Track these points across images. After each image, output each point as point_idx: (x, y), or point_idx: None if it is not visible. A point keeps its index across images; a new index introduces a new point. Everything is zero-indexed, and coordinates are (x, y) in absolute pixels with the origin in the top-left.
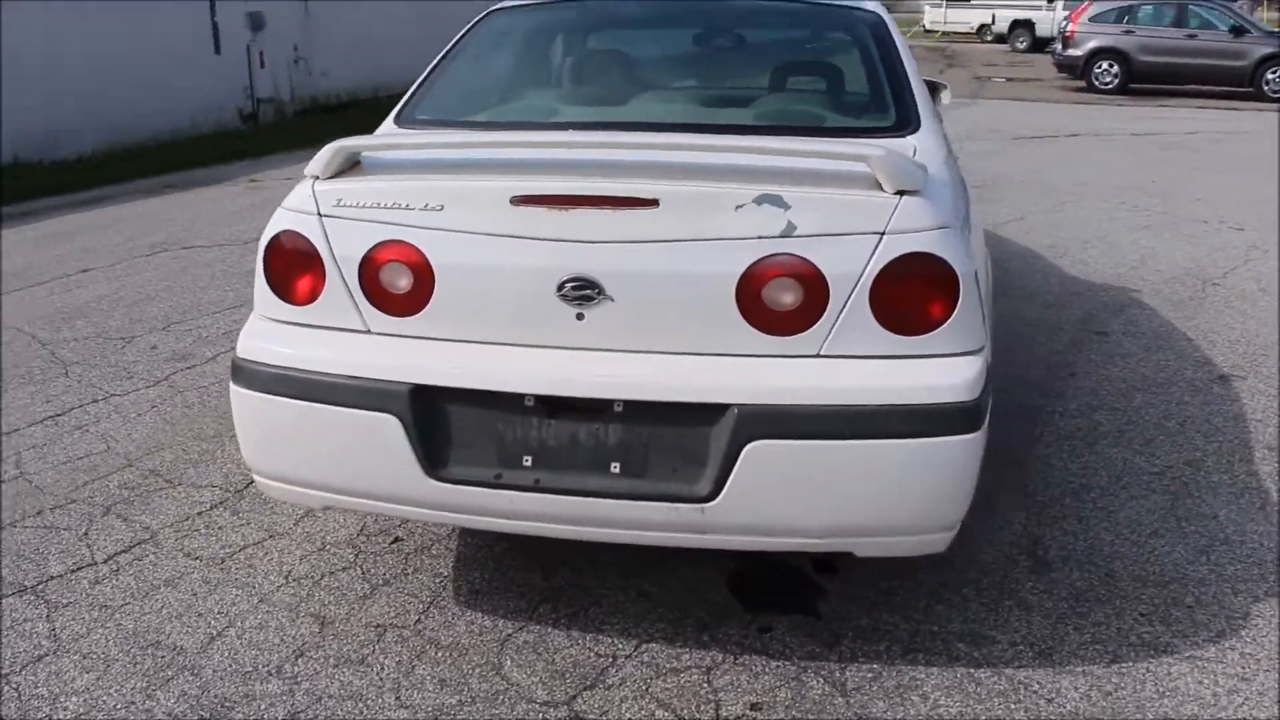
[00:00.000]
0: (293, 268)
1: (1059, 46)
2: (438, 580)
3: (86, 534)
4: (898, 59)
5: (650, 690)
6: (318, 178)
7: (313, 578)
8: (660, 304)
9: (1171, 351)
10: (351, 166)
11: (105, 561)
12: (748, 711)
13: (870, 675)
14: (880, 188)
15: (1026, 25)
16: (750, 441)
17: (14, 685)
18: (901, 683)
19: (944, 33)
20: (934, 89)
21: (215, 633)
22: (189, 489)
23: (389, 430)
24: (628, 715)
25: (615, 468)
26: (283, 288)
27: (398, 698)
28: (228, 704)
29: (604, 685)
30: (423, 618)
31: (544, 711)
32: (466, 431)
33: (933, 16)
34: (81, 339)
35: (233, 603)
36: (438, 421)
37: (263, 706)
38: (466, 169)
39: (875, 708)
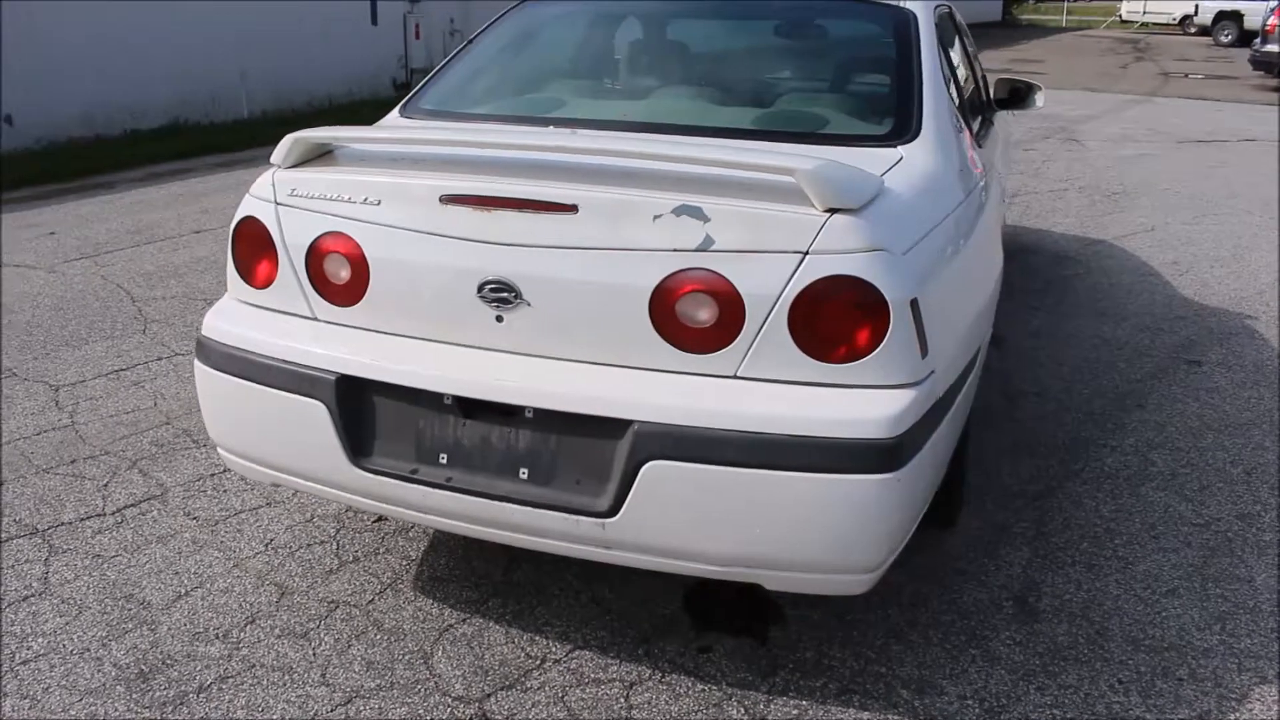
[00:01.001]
0: (253, 252)
1: (1258, 42)
2: (404, 563)
3: (106, 485)
4: (913, 61)
5: (565, 699)
6: (278, 167)
7: (290, 548)
8: (575, 312)
9: (1268, 389)
10: (319, 156)
11: (113, 513)
12: None
13: (794, 712)
14: (811, 203)
15: (1233, 17)
16: (649, 460)
17: (6, 622)
18: None
19: (1143, 24)
20: (1023, 91)
21: (184, 591)
22: (211, 451)
23: (318, 416)
24: (535, 718)
25: (524, 473)
26: (245, 271)
27: (324, 675)
28: (168, 662)
29: (521, 688)
30: (376, 599)
31: (454, 707)
32: (389, 424)
33: (1130, 7)
34: (168, 298)
35: (209, 565)
36: (363, 412)
37: (198, 668)
38: (405, 164)
39: None
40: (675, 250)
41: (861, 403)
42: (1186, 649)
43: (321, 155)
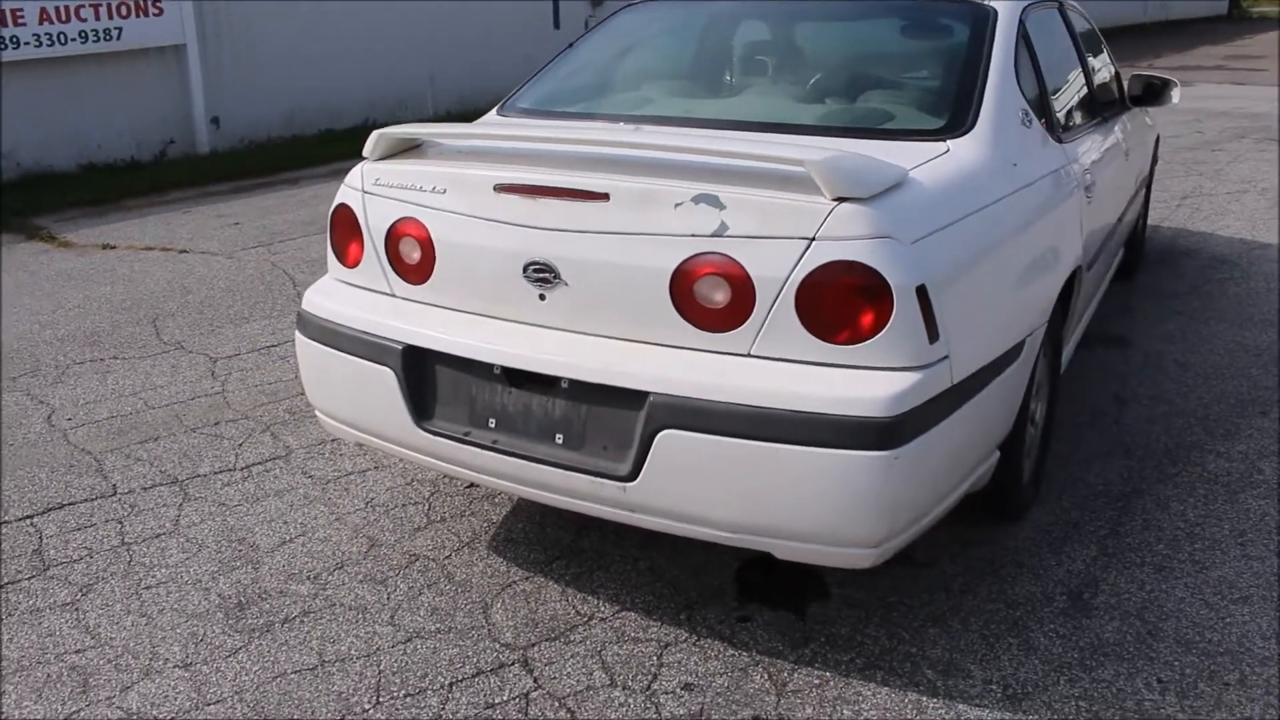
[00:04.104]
0: (345, 236)
1: None
2: (484, 525)
3: (240, 445)
4: (982, 58)
5: (602, 653)
6: (366, 159)
7: (386, 506)
8: (606, 292)
9: None
10: (407, 150)
11: (242, 469)
12: (678, 689)
13: (816, 682)
14: (821, 193)
15: None
16: (663, 429)
17: (132, 551)
18: (843, 694)
19: None
20: (1159, 87)
21: (288, 538)
22: None
23: (388, 381)
24: (569, 669)
25: (559, 439)
26: (340, 252)
27: (393, 616)
28: (263, 595)
29: (565, 640)
30: (453, 554)
31: (501, 652)
32: (447, 390)
33: None
34: None
35: (315, 517)
36: (426, 378)
37: (286, 602)
38: (469, 157)
39: (801, 712)
40: (694, 235)
41: (862, 383)
42: (1243, 655)
43: (408, 149)
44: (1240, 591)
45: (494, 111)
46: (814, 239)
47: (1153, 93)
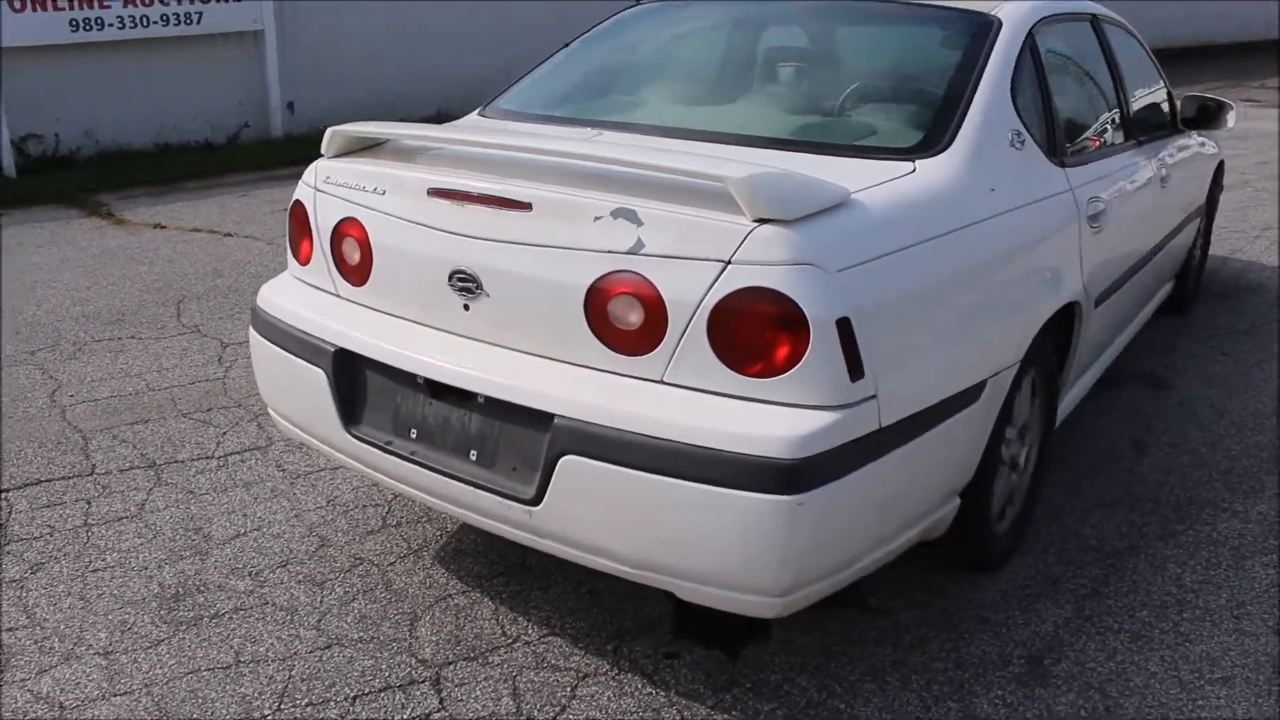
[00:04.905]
0: (299, 232)
1: None
2: (438, 533)
3: (225, 434)
4: (973, 73)
5: (517, 679)
6: (321, 156)
7: (346, 506)
8: (525, 306)
9: None
10: (369, 148)
11: (219, 458)
12: None
13: None
14: (742, 212)
15: None
16: (565, 455)
17: (91, 533)
18: None
19: None
20: (1213, 110)
21: (243, 532)
22: None
23: (320, 383)
24: (479, 693)
25: (473, 455)
26: (294, 248)
27: (320, 620)
28: (202, 588)
29: (482, 661)
30: (398, 562)
31: (415, 669)
32: (375, 396)
33: None
34: None
35: (275, 512)
36: (356, 382)
37: (221, 597)
38: (418, 158)
39: None
40: (610, 252)
41: (770, 420)
42: None
43: (369, 147)
44: (1222, 670)
45: (476, 112)
46: (730, 262)
47: (1207, 116)
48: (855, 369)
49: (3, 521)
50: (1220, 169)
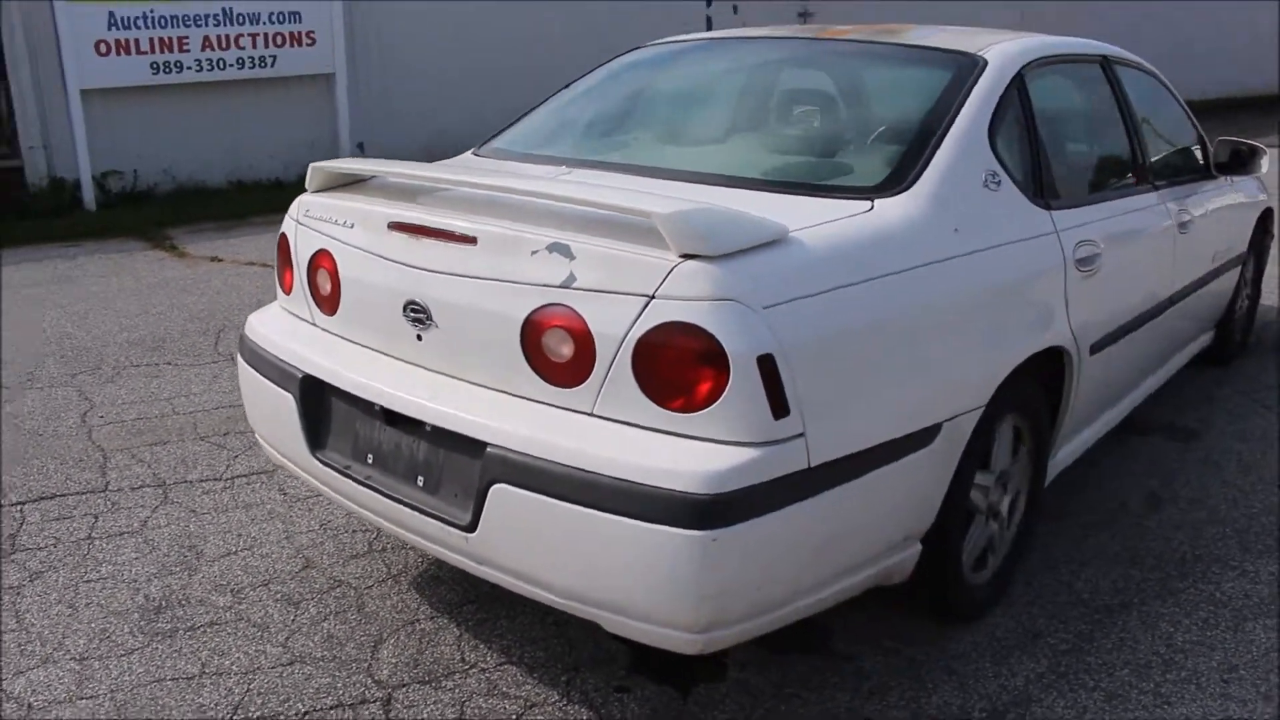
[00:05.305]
0: (283, 263)
1: None
2: (419, 560)
3: (237, 457)
4: (950, 112)
5: (465, 704)
6: (305, 190)
7: (337, 530)
8: (469, 337)
9: None
10: (351, 183)
11: (226, 480)
12: None
13: None
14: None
15: None
16: (496, 483)
17: (92, 546)
18: None
19: None
20: (1245, 155)
21: (234, 550)
22: None
23: (289, 407)
24: (425, 715)
25: (420, 481)
26: (280, 278)
27: (288, 638)
28: (185, 602)
29: (435, 685)
30: (375, 585)
31: (369, 689)
32: (339, 422)
33: None
34: None
35: (268, 533)
36: (323, 408)
37: (200, 612)
38: (380, 193)
39: None
40: (545, 285)
41: (689, 455)
42: None
43: (350, 183)
44: None
45: (470, 151)
46: (654, 297)
47: (1239, 161)
48: (779, 407)
49: (13, 532)
50: (1269, 216)
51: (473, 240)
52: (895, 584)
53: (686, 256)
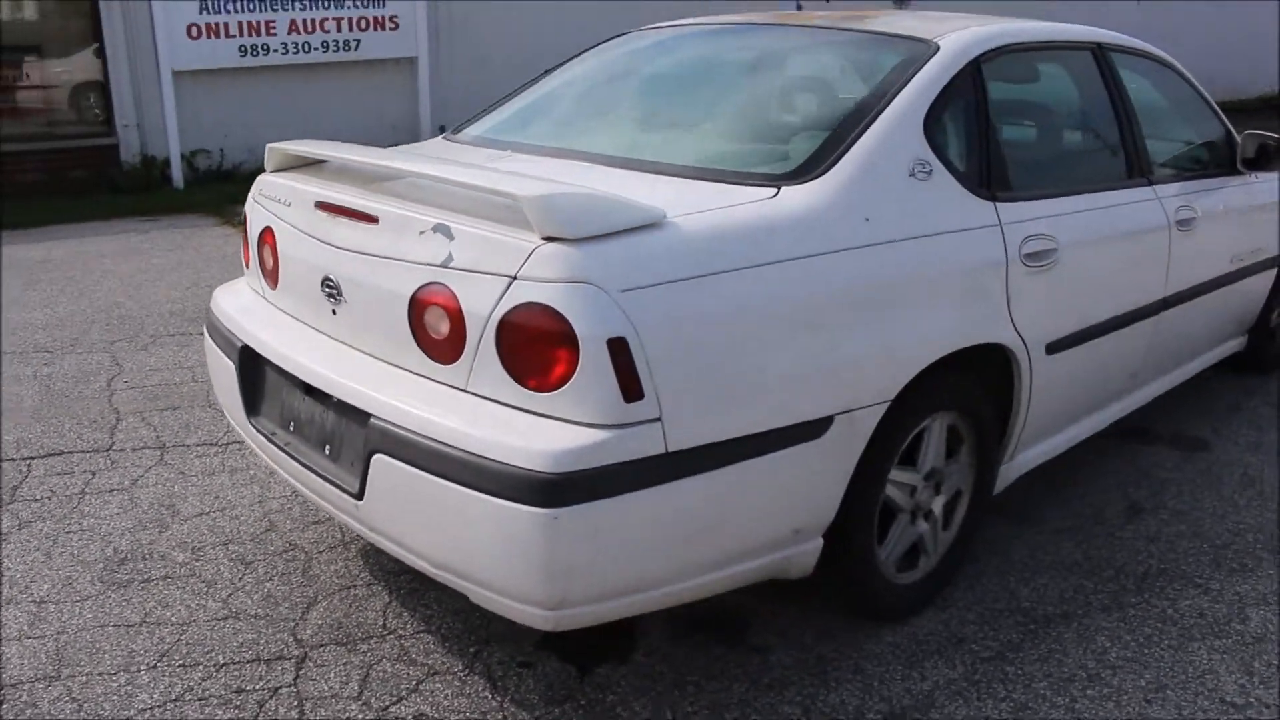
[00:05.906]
0: (245, 239)
1: None
2: None
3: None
4: (883, 99)
5: (372, 668)
6: (264, 170)
7: (306, 499)
8: (369, 313)
9: None
10: (307, 164)
11: (221, 445)
12: (410, 716)
13: None
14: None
15: None
16: (376, 453)
17: (82, 500)
18: None
19: None
20: (1273, 150)
21: (207, 511)
22: None
23: (231, 374)
24: (332, 675)
25: (327, 449)
26: (244, 254)
27: (230, 595)
28: (147, 556)
29: (349, 648)
30: (326, 551)
31: (288, 646)
32: (270, 390)
33: None
34: None
35: (244, 497)
36: (258, 376)
37: (159, 565)
38: (322, 175)
39: None
40: (428, 264)
41: (538, 434)
42: None
43: (306, 164)
44: None
45: (441, 135)
46: (515, 277)
47: (1266, 156)
48: (631, 390)
49: (16, 484)
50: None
51: (375, 220)
52: (796, 579)
53: (549, 239)
